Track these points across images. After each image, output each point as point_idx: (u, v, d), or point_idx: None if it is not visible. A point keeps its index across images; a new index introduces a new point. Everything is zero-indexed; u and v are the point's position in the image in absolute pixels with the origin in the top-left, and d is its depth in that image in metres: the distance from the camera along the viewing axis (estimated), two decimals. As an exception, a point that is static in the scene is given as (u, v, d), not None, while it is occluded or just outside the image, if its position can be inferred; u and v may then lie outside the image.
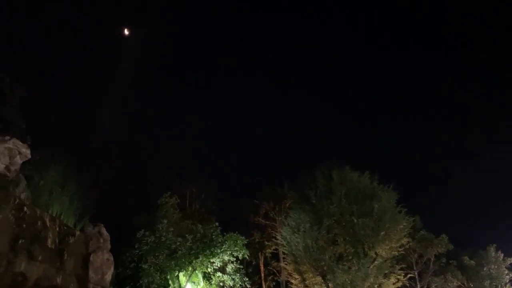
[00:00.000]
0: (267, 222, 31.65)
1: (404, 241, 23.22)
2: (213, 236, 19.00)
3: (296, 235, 22.41)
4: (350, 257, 21.64)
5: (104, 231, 10.62)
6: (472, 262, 33.83)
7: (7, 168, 8.41)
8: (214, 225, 19.80)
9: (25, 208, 8.23)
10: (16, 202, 8.06)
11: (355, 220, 21.21)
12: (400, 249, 23.26)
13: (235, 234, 19.47)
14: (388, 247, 22.32)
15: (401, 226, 22.56)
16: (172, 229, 19.05)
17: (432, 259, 31.12)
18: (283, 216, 28.89)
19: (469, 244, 36.45)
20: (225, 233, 19.47)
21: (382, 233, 21.52)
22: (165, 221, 18.93)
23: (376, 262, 21.67)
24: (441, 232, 31.04)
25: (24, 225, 8.06)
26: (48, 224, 8.76)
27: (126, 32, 31.66)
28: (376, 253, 21.84)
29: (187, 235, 18.82)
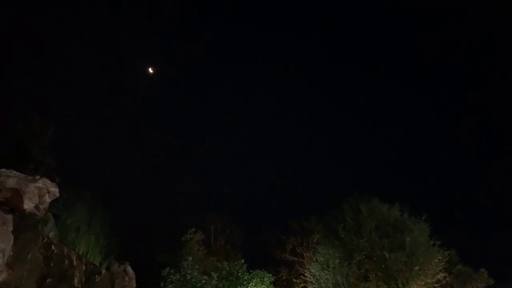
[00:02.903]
0: (294, 258, 30.70)
1: (440, 276, 21.95)
2: (239, 274, 18.58)
3: (325, 271, 21.64)
4: (383, 294, 20.64)
5: (129, 269, 10.57)
6: (516, 298, 31.61)
7: (36, 207, 8.57)
8: (240, 262, 19.38)
9: (53, 247, 8.31)
10: (44, 241, 8.15)
11: (387, 255, 20.33)
12: (436, 285, 21.99)
13: (261, 271, 19.00)
14: (423, 283, 21.16)
15: (436, 260, 21.45)
16: (197, 266, 18.76)
17: (472, 295, 29.25)
18: (311, 252, 28.00)
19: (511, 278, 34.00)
20: (251, 270, 19.01)
21: (416, 268, 20.48)
22: (190, 258, 18.68)
23: (411, 299, 20.55)
24: (480, 266, 29.28)
25: (52, 264, 8.11)
26: (75, 262, 8.79)
27: (150, 70, 32.92)
28: (410, 290, 20.74)
29: (212, 272, 18.46)
